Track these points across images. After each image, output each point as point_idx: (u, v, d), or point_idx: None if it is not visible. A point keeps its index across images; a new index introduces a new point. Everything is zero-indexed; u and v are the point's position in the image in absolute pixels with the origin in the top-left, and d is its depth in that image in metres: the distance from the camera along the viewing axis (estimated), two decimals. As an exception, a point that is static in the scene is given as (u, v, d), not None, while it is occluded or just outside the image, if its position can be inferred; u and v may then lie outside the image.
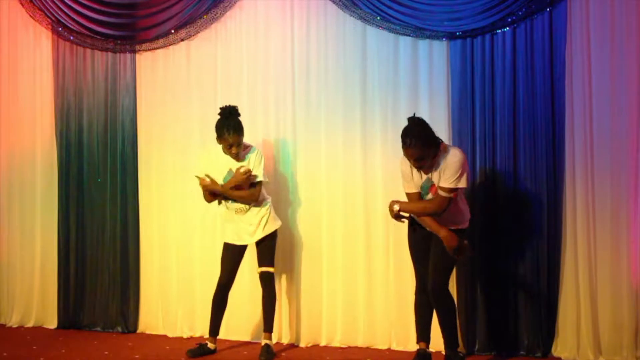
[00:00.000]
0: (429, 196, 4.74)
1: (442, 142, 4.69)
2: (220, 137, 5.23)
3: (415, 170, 4.71)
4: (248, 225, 5.33)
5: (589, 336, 5.06)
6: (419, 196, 4.76)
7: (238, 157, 5.26)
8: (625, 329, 4.99)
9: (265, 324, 5.40)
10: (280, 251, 5.75)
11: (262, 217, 5.34)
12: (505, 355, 5.23)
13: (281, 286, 5.78)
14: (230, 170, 5.28)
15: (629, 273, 5.00)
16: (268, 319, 5.39)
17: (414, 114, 4.75)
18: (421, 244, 4.87)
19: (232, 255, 5.38)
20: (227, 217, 5.40)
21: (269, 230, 5.36)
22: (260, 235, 5.35)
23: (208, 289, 5.56)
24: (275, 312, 5.61)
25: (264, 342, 5.35)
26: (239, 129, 5.21)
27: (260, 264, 5.39)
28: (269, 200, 5.42)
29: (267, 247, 5.38)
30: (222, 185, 5.25)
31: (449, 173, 4.59)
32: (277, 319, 5.71)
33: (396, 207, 4.71)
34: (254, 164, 5.28)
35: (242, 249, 5.41)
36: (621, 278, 5.02)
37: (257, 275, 5.43)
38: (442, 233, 4.63)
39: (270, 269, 5.37)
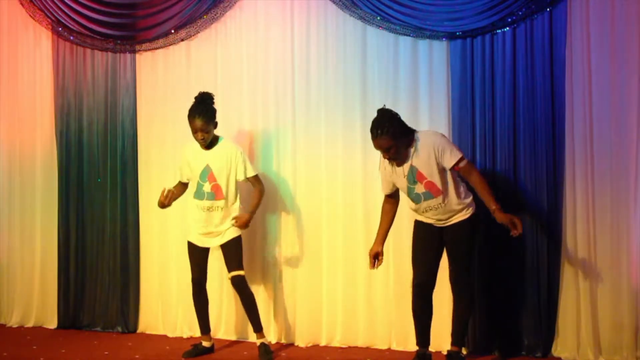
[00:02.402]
0: (418, 185, 4.77)
1: (415, 130, 4.79)
2: (189, 121, 5.24)
3: (396, 167, 4.78)
4: (214, 227, 5.30)
5: (589, 336, 5.06)
6: (390, 197, 4.97)
7: (204, 144, 5.25)
8: (625, 329, 4.99)
9: (254, 326, 5.38)
10: (281, 251, 5.76)
11: (229, 222, 5.31)
12: (506, 355, 5.23)
13: (281, 286, 5.78)
14: (207, 165, 5.27)
15: (629, 273, 5.00)
16: (254, 320, 5.37)
17: (384, 105, 4.83)
18: (427, 243, 4.89)
19: (198, 254, 5.38)
20: (196, 215, 5.37)
21: (230, 235, 5.32)
22: (221, 240, 5.33)
23: (208, 289, 5.54)
24: (275, 312, 5.63)
25: (259, 342, 5.35)
26: (207, 116, 5.21)
27: (229, 269, 5.34)
28: (238, 204, 5.38)
29: (232, 251, 5.34)
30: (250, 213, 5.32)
31: (447, 152, 4.70)
32: (277, 319, 5.73)
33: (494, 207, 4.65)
34: (240, 165, 5.27)
35: (206, 249, 5.41)
36: (621, 278, 5.02)
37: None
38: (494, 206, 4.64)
39: (240, 272, 5.33)
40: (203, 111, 5.22)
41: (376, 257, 4.95)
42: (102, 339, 5.96)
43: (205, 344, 5.46)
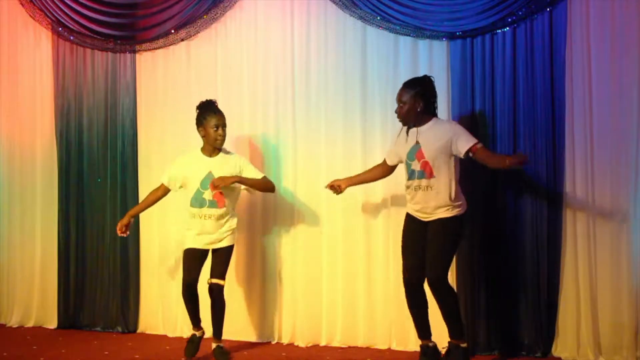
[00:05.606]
0: (415, 162, 4.83)
1: (437, 116, 4.93)
2: (209, 116, 5.23)
3: (408, 137, 4.88)
4: (212, 235, 5.25)
5: (589, 336, 5.06)
6: (387, 166, 5.15)
7: (222, 142, 5.25)
8: (625, 329, 4.99)
9: (215, 331, 5.34)
10: (281, 251, 5.77)
11: (228, 230, 5.28)
12: (506, 355, 5.23)
13: (281, 286, 5.79)
14: (210, 173, 5.21)
15: (629, 273, 5.00)
16: (217, 326, 5.33)
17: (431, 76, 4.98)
18: (415, 235, 4.90)
19: (195, 259, 5.31)
20: (191, 225, 5.30)
21: (225, 243, 5.30)
22: (219, 245, 5.28)
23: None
24: (275, 312, 5.62)
25: (214, 345, 5.32)
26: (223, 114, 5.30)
27: (213, 275, 5.30)
28: (235, 214, 5.38)
29: (222, 259, 5.31)
30: None
31: (464, 136, 4.80)
32: (277, 319, 5.75)
33: (507, 162, 4.62)
34: (248, 169, 5.31)
35: (204, 253, 5.35)
36: (621, 278, 5.02)
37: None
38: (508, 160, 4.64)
39: (221, 282, 5.29)
40: (219, 110, 5.29)
41: (335, 188, 5.17)
42: (102, 339, 5.97)
43: (198, 333, 5.41)
